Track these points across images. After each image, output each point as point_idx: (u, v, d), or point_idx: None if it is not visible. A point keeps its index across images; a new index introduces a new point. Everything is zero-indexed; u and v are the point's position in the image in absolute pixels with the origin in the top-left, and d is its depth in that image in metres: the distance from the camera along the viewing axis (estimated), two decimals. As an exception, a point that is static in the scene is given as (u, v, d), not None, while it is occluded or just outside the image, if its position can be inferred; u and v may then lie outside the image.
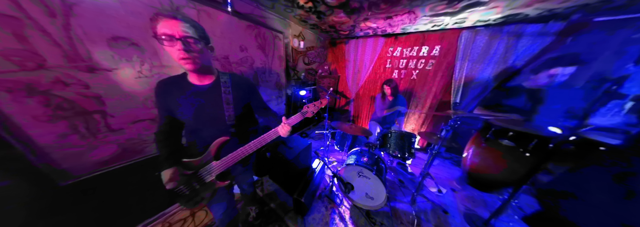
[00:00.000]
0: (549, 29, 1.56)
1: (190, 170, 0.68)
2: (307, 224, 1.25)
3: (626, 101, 1.20)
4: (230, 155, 0.69)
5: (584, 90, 1.03)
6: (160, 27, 0.53)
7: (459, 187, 1.53)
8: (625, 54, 1.07)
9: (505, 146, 1.11)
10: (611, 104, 1.21)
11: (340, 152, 2.41)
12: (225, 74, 0.71)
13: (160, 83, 0.66)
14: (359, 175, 1.43)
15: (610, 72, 1.20)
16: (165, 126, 0.68)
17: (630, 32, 1.24)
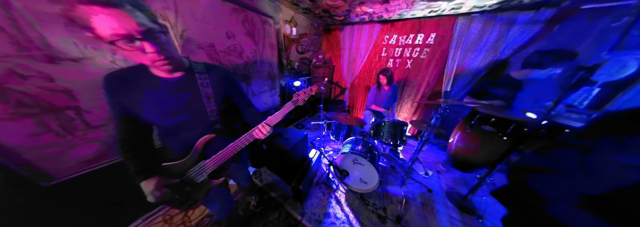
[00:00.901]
0: (539, 17, 1.60)
1: (176, 174, 0.62)
2: (306, 209, 1.36)
3: (594, 88, 1.35)
4: (220, 153, 0.64)
5: (561, 77, 1.13)
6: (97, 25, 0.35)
7: (443, 169, 1.73)
8: (603, 42, 1.16)
9: (486, 131, 1.24)
10: (581, 91, 1.36)
11: (335, 141, 2.52)
12: (199, 64, 0.61)
13: (111, 77, 0.50)
14: (354, 162, 1.53)
15: (586, 60, 1.31)
16: (127, 132, 0.57)
17: (610, 20, 1.32)
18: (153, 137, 0.65)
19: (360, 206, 1.36)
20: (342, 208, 1.36)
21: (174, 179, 0.62)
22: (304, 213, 1.32)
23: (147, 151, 0.63)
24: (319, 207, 1.38)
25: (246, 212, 1.33)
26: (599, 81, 1.32)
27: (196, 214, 1.32)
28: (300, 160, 1.77)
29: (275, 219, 1.27)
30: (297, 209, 1.36)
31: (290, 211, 1.34)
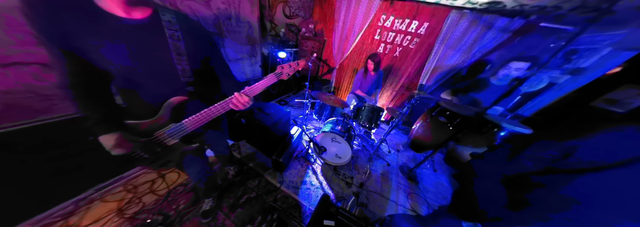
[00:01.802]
0: (511, 26, 1.82)
1: (142, 134, 0.59)
2: (285, 178, 1.53)
3: (517, 96, 1.80)
4: (193, 117, 0.62)
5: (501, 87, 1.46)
6: None
7: (402, 149, 2.18)
8: (539, 58, 1.48)
9: (440, 121, 1.55)
10: (509, 99, 1.78)
11: (317, 120, 2.64)
12: (169, 11, 0.52)
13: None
14: (332, 140, 1.71)
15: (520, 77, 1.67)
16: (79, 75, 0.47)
17: (552, 40, 1.65)
18: (111, 90, 0.57)
19: (333, 176, 1.62)
20: (317, 177, 1.59)
21: (143, 140, 0.59)
22: (282, 181, 1.50)
23: (106, 102, 0.56)
24: (296, 176, 1.58)
25: (225, 181, 1.41)
26: (521, 91, 1.76)
27: (168, 183, 1.31)
28: (281, 136, 1.84)
29: (255, 186, 1.41)
30: (277, 177, 1.53)
31: (270, 180, 1.49)
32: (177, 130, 0.62)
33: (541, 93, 1.68)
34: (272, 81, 0.66)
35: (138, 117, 0.58)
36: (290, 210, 1.24)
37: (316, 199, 1.34)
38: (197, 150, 0.80)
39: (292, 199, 1.34)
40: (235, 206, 1.21)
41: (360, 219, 0.84)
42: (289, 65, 0.69)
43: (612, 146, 0.36)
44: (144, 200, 1.17)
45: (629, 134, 0.36)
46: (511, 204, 0.45)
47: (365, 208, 1.29)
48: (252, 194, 1.33)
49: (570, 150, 0.39)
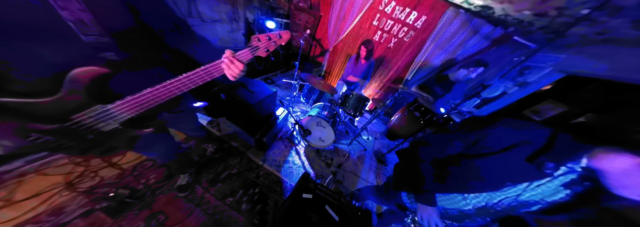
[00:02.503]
0: (493, 34, 2.01)
1: (48, 118, 0.43)
2: (268, 157, 1.59)
3: (477, 100, 2.17)
4: (134, 98, 0.47)
5: (469, 89, 1.73)
6: None
7: (379, 137, 2.45)
8: (503, 70, 1.76)
9: (414, 115, 1.78)
10: (471, 100, 2.16)
11: (305, 104, 2.61)
12: None
13: None
14: (317, 124, 1.77)
15: (487, 80, 1.98)
16: None
17: (518, 54, 1.93)
18: None
19: (315, 157, 1.76)
20: (300, 157, 1.70)
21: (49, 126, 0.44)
22: (265, 159, 1.55)
23: None
24: (280, 156, 1.65)
25: (203, 158, 1.37)
26: (481, 96, 2.11)
27: (131, 157, 1.20)
28: (266, 116, 1.80)
29: (237, 163, 1.43)
30: (260, 156, 1.57)
31: (253, 158, 1.52)
32: (107, 114, 0.48)
33: (496, 100, 2.05)
34: (247, 58, 0.53)
35: (27, 95, 0.40)
36: (272, 185, 1.34)
37: (297, 176, 1.46)
38: (158, 129, 0.66)
39: (275, 176, 1.43)
40: (215, 181, 1.23)
41: (335, 193, 0.97)
42: (268, 36, 0.53)
43: (499, 136, 0.53)
44: (102, 174, 1.07)
45: (506, 126, 0.53)
46: (436, 179, 0.64)
47: (340, 184, 1.51)
48: (233, 171, 1.35)
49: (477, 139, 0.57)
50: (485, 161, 0.54)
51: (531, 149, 0.49)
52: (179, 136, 1.41)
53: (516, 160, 0.50)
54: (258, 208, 1.16)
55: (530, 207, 0.51)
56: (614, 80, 1.42)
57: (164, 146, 0.85)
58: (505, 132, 0.53)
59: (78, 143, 0.51)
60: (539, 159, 0.47)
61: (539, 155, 0.47)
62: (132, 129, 0.57)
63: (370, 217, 0.90)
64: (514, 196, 0.52)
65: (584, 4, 1.28)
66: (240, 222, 1.06)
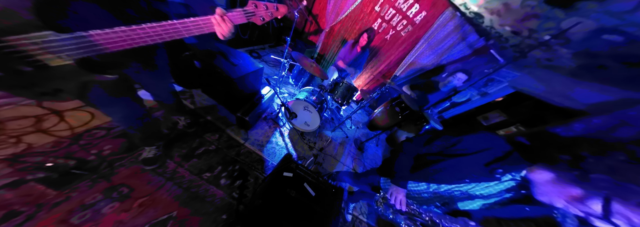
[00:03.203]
0: (476, 44, 2.23)
1: None
2: (250, 136, 1.53)
3: (448, 103, 2.50)
4: (100, 32, 0.40)
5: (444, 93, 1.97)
6: None
7: (361, 126, 2.63)
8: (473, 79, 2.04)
9: (395, 110, 1.95)
10: (443, 103, 2.47)
11: (293, 86, 2.51)
12: None
13: None
14: (304, 108, 1.77)
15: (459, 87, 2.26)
16: None
17: (487, 67, 2.23)
18: None
19: (299, 139, 1.80)
20: (284, 139, 1.71)
21: None
22: (247, 138, 1.51)
23: None
24: (263, 136, 1.62)
25: (173, 131, 1.25)
26: (452, 100, 2.43)
27: (72, 124, 0.99)
28: (250, 94, 1.68)
29: (215, 140, 1.35)
30: (241, 134, 1.51)
31: (233, 136, 1.45)
32: (66, 43, 0.39)
33: (461, 105, 2.39)
34: (239, 20, 0.49)
35: None
36: (253, 163, 1.34)
37: (280, 157, 1.49)
38: (119, 85, 0.58)
39: (256, 155, 1.43)
40: (189, 156, 1.16)
41: (314, 173, 1.06)
42: (266, 5, 0.51)
43: (474, 142, 0.66)
44: (30, 140, 0.88)
45: (481, 136, 0.67)
46: (413, 170, 0.79)
47: (320, 166, 1.63)
48: (211, 147, 1.29)
49: (456, 142, 0.69)
50: (455, 160, 0.67)
51: (492, 156, 0.61)
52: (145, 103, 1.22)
53: (478, 163, 0.63)
54: (238, 183, 1.17)
55: (474, 200, 0.66)
56: (543, 100, 1.82)
57: (125, 109, 0.72)
58: (479, 140, 0.65)
59: (6, 74, 0.38)
60: (493, 165, 0.60)
61: (495, 162, 0.60)
62: (91, 72, 0.46)
63: (342, 193, 1.04)
64: (466, 189, 0.66)
65: (548, 31, 1.51)
66: (219, 195, 1.07)
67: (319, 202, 0.90)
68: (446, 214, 0.71)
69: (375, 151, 2.31)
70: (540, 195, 0.52)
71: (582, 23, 1.21)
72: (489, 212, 0.66)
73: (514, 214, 0.62)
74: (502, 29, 1.88)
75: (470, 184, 0.65)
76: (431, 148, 0.75)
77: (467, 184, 0.66)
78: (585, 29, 1.23)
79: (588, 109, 1.54)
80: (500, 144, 0.62)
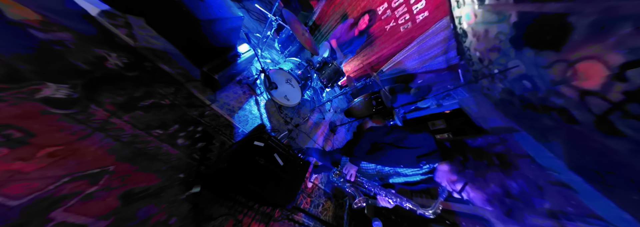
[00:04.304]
0: (452, 60, 2.60)
1: None
2: (219, 97, 1.33)
3: (413, 106, 2.98)
4: None
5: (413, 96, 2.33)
6: None
7: (339, 111, 2.79)
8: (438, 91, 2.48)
9: (371, 103, 2.16)
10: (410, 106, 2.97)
11: (278, 52, 2.23)
12: None
13: None
14: (287, 81, 1.66)
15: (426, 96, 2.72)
16: None
17: (451, 83, 2.73)
18: None
19: (275, 112, 1.73)
20: (259, 108, 1.60)
21: None
22: (214, 100, 1.31)
23: None
24: (235, 101, 1.45)
25: (98, 69, 0.92)
26: (417, 105, 2.90)
27: None
28: (222, 48, 1.38)
29: (170, 94, 1.11)
30: (207, 94, 1.29)
31: (197, 94, 1.23)
32: None
33: (422, 110, 2.90)
34: None
35: None
36: (220, 127, 1.23)
37: (252, 126, 1.42)
38: None
39: (225, 120, 1.30)
40: (131, 107, 0.93)
41: (286, 146, 1.10)
42: None
43: (415, 140, 0.90)
44: None
45: (422, 136, 0.92)
46: (367, 152, 1.01)
47: (292, 140, 1.68)
48: (164, 101, 1.06)
49: (404, 138, 0.92)
50: (399, 151, 0.92)
51: (422, 152, 0.86)
52: (22, 12, 0.82)
53: (413, 155, 0.88)
54: (200, 145, 1.06)
55: (400, 178, 0.97)
56: (472, 119, 2.45)
57: None
58: (419, 139, 0.90)
59: None
60: (422, 158, 0.85)
61: (423, 156, 0.85)
62: None
63: (308, 166, 1.15)
64: (399, 170, 0.94)
65: (498, 65, 1.94)
66: (175, 155, 0.95)
67: (286, 171, 0.97)
68: (380, 185, 1.00)
69: (345, 135, 2.59)
70: (436, 178, 0.85)
71: (519, 66, 1.60)
72: (404, 186, 1.00)
73: (417, 187, 0.96)
74: (474, 53, 2.24)
75: (402, 168, 0.93)
76: (386, 139, 0.96)
77: (400, 168, 0.94)
78: (519, 71, 1.65)
79: (489, 130, 2.23)
80: (431, 145, 0.88)
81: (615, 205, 0.90)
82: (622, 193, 0.90)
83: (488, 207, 1.15)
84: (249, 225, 1.09)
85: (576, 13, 0.78)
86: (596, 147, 0.95)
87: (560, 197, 1.07)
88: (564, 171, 1.16)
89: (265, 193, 0.82)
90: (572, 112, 1.03)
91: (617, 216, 0.89)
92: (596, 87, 0.83)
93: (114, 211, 0.71)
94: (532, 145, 1.49)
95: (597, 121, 0.89)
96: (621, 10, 0.62)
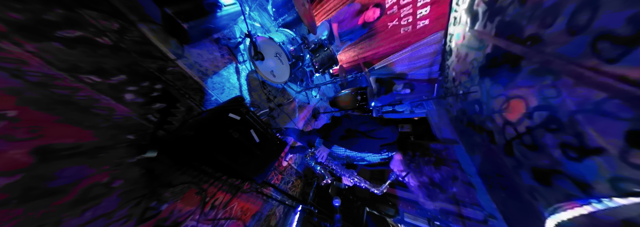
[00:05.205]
0: (433, 74, 3.00)
1: None
2: (188, 53, 1.16)
3: (391, 108, 3.37)
4: None
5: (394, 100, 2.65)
6: None
7: (325, 99, 2.88)
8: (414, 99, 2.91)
9: (355, 98, 2.33)
10: (389, 107, 3.34)
11: (271, 18, 2.00)
12: None
13: None
14: (276, 54, 1.58)
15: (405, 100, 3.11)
16: None
17: (425, 94, 3.18)
18: None
19: (258, 87, 1.65)
20: (239, 78, 1.49)
21: None
22: (182, 56, 1.15)
23: None
24: (210, 64, 1.29)
25: None
26: (394, 107, 3.29)
27: None
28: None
29: (111, 31, 0.88)
30: (172, 47, 1.12)
31: (155, 42, 1.02)
32: None
33: (397, 113, 3.31)
34: None
35: None
36: (187, 91, 1.12)
37: (228, 96, 1.35)
38: None
39: (195, 82, 1.17)
40: (41, 36, 0.71)
41: (265, 123, 1.12)
42: None
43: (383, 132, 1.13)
44: None
45: (389, 128, 1.17)
46: (341, 138, 1.16)
47: (273, 119, 1.69)
48: (100, 39, 0.86)
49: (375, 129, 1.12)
50: (367, 140, 1.11)
51: (386, 142, 1.08)
52: None
53: (377, 144, 1.09)
54: (159, 106, 0.97)
55: (364, 161, 1.18)
56: (431, 128, 2.98)
57: None
58: (386, 132, 1.10)
59: None
60: (384, 147, 1.07)
61: (385, 146, 1.07)
62: None
63: (284, 146, 1.22)
64: (363, 156, 1.17)
65: (464, 87, 2.39)
66: (121, 112, 0.83)
67: (261, 148, 0.99)
68: (344, 165, 1.22)
69: (327, 121, 2.73)
70: (391, 165, 1.10)
71: (477, 92, 2.03)
72: (365, 166, 1.25)
73: (375, 168, 1.22)
74: (451, 72, 2.65)
75: (366, 154, 1.14)
76: (360, 127, 1.14)
77: (365, 154, 1.15)
78: (475, 96, 2.09)
79: (440, 139, 2.81)
80: (393, 138, 1.11)
81: (490, 199, 1.46)
82: (496, 192, 1.44)
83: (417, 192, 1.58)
84: (213, 194, 1.10)
85: (527, 58, 1.06)
86: (498, 162, 1.40)
87: (465, 191, 1.60)
88: (474, 175, 1.70)
89: (237, 166, 0.86)
90: (495, 136, 1.43)
91: (489, 206, 1.45)
92: (514, 120, 1.18)
93: (27, 168, 0.60)
94: (462, 155, 2.00)
95: (505, 144, 1.29)
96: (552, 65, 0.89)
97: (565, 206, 0.83)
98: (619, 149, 0.61)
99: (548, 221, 0.89)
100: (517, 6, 1.04)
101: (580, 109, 0.72)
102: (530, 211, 1.06)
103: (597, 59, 0.65)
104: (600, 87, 0.65)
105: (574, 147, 0.76)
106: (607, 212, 0.67)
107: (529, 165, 1.06)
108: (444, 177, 0.83)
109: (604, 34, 0.63)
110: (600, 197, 0.68)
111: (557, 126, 0.83)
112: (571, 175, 0.80)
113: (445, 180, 0.83)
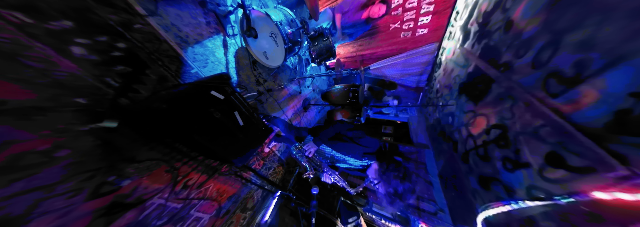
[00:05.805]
0: (421, 83, 3.29)
1: None
2: (163, 12, 1.03)
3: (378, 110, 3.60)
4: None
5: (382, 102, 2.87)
6: None
7: (317, 91, 2.91)
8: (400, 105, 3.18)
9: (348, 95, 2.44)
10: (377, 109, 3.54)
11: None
12: None
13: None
14: (271, 34, 1.52)
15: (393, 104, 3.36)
16: None
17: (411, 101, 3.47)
18: None
19: (248, 67, 1.58)
20: (226, 54, 1.41)
21: None
22: (154, 13, 1.00)
23: None
24: (192, 30, 1.17)
25: None
26: (382, 109, 3.53)
27: None
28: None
29: None
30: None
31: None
32: None
33: (384, 115, 3.57)
34: None
35: None
36: (160, 56, 1.02)
37: (212, 71, 1.27)
38: None
39: (170, 48, 1.06)
40: None
41: (251, 106, 1.10)
42: None
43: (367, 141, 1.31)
44: None
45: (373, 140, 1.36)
46: (330, 139, 1.27)
47: (260, 104, 1.66)
48: None
49: (361, 136, 1.26)
50: (352, 145, 1.26)
51: (368, 151, 1.23)
52: None
53: (360, 151, 1.24)
54: (121, 69, 0.87)
55: (345, 164, 1.34)
56: (410, 132, 3.32)
57: None
58: (370, 141, 1.26)
59: None
60: (365, 155, 1.22)
61: (366, 154, 1.23)
62: None
63: (270, 132, 1.26)
64: (345, 159, 1.30)
65: (444, 100, 2.70)
66: (67, 67, 0.71)
67: (244, 132, 0.99)
68: (328, 165, 1.33)
69: (315, 115, 2.81)
70: (368, 171, 1.26)
71: (452, 106, 2.33)
72: (346, 170, 1.39)
73: (354, 173, 1.37)
74: (436, 84, 2.94)
75: (349, 157, 1.28)
76: (348, 133, 1.29)
77: (349, 157, 1.28)
78: (449, 109, 2.39)
79: (415, 143, 3.17)
80: (375, 147, 1.27)
81: (443, 196, 1.79)
82: (449, 192, 1.77)
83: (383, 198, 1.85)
84: (187, 174, 1.08)
85: (498, 82, 1.27)
86: (455, 167, 1.69)
87: (425, 188, 1.92)
88: (435, 176, 2.02)
89: (216, 148, 0.86)
90: (458, 145, 1.70)
91: (441, 201, 1.78)
92: (475, 134, 1.42)
93: None
94: (430, 159, 2.32)
95: (464, 153, 1.55)
96: (513, 91, 1.09)
97: (493, 205, 1.08)
98: (539, 164, 0.83)
99: (479, 215, 1.15)
100: (502, 33, 1.21)
101: (523, 131, 0.93)
102: (469, 207, 1.35)
103: (544, 93, 0.84)
104: (540, 115, 0.84)
105: (511, 160, 0.98)
106: (518, 210, 0.91)
107: (478, 172, 1.31)
108: (405, 190, 1.03)
109: (553, 72, 0.81)
110: (518, 200, 0.92)
111: (505, 142, 1.04)
112: (504, 182, 1.04)
113: (405, 192, 1.04)
